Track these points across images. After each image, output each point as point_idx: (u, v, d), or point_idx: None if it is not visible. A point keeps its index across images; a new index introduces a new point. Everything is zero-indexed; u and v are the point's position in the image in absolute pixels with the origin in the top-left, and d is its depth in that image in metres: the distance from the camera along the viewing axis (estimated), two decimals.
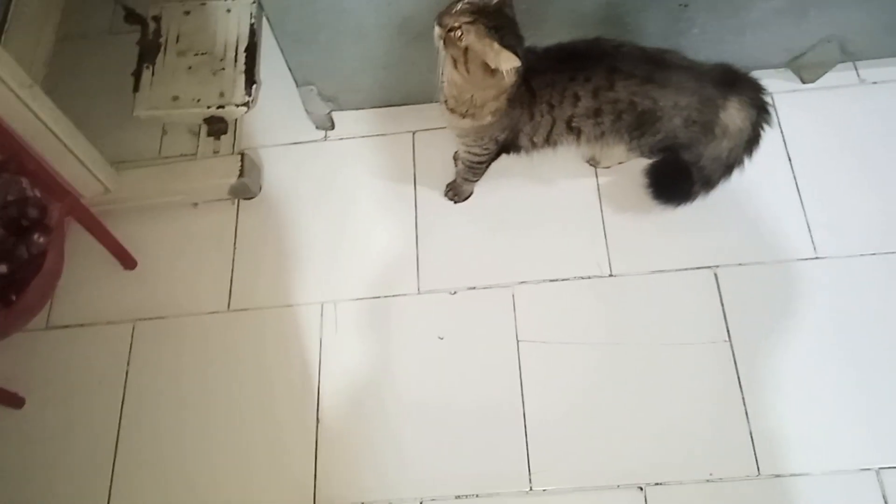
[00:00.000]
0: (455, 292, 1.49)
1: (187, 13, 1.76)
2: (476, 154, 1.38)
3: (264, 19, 1.41)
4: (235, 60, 1.70)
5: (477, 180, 1.52)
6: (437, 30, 1.13)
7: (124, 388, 1.47)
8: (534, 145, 1.35)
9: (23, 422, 1.46)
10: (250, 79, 1.69)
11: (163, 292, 1.55)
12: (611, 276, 1.47)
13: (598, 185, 1.56)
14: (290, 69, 1.50)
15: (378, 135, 1.67)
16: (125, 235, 1.55)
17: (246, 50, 1.71)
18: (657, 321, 1.42)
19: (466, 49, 1.10)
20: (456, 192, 1.57)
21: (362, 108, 1.65)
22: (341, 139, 1.68)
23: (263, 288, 1.54)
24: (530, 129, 1.31)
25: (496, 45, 1.08)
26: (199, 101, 1.65)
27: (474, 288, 1.48)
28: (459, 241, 1.54)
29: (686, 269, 1.46)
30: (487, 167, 1.44)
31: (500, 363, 1.41)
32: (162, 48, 1.71)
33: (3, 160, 1.35)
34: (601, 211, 1.54)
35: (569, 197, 1.56)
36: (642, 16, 1.39)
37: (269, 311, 1.51)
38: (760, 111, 1.29)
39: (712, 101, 1.26)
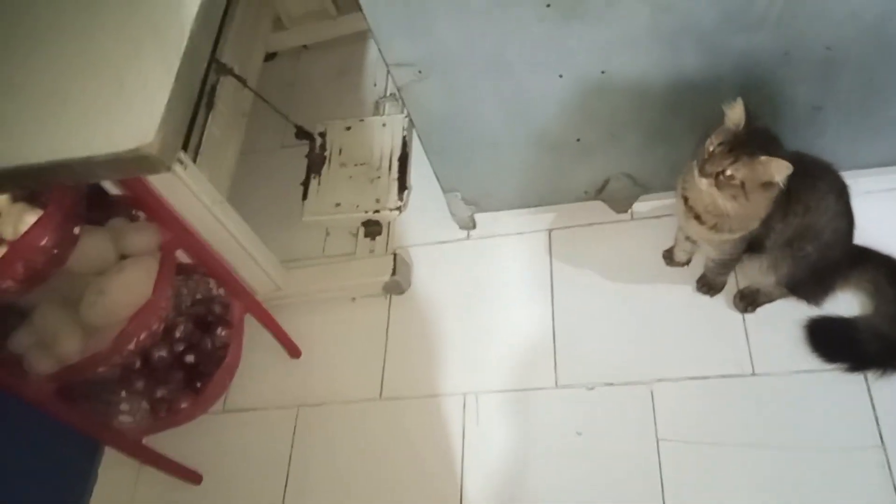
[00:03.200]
0: (593, 388, 1.53)
1: (348, 129, 1.99)
2: (728, 253, 1.39)
3: (415, 133, 1.59)
4: (389, 169, 1.89)
5: (729, 272, 1.52)
6: (703, 182, 1.17)
7: (288, 467, 1.61)
8: (774, 246, 1.34)
9: (200, 497, 1.63)
10: (402, 185, 1.87)
11: (323, 380, 1.71)
12: (753, 374, 1.46)
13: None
14: (437, 177, 1.65)
15: (516, 233, 1.78)
16: (292, 327, 1.73)
17: (399, 160, 1.90)
18: (803, 423, 1.39)
19: (743, 182, 1.14)
20: (710, 287, 1.56)
21: (501, 210, 1.76)
22: (482, 238, 1.81)
23: (412, 378, 1.66)
24: (781, 228, 1.29)
25: (765, 159, 1.11)
26: (357, 206, 1.85)
27: (612, 384, 1.52)
28: (596, 336, 1.59)
29: (832, 370, 1.42)
30: (738, 260, 1.43)
31: (640, 462, 1.42)
32: (327, 160, 1.94)
33: (195, 265, 1.58)
34: None
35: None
36: (776, 119, 1.42)
37: (417, 400, 1.62)
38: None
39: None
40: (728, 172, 1.13)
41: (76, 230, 1.17)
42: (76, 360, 1.27)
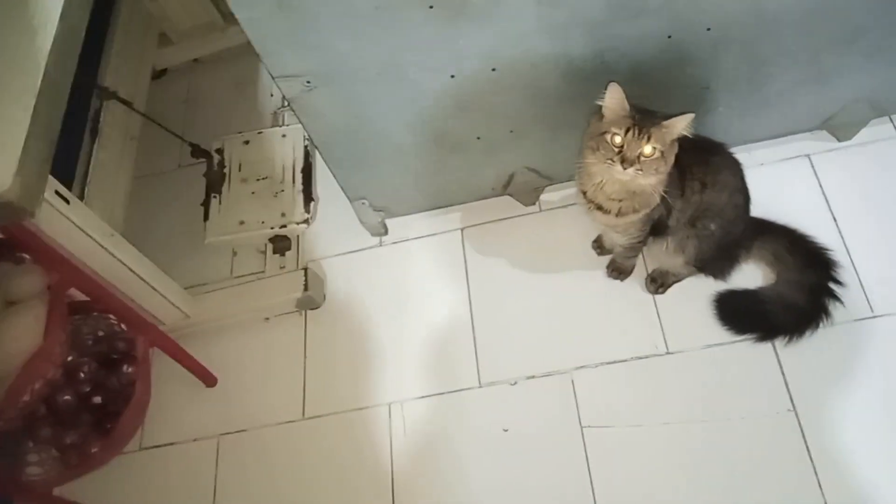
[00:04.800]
0: (515, 383, 1.53)
1: (247, 143, 1.92)
2: (634, 236, 1.40)
3: None
4: (293, 181, 1.84)
5: (637, 255, 1.54)
6: (629, 171, 1.15)
7: (213, 499, 1.55)
8: (678, 226, 1.37)
9: None
10: (308, 197, 1.82)
11: (243, 406, 1.65)
12: (668, 353, 1.49)
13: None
14: (341, 187, 1.61)
15: (429, 235, 1.77)
16: (204, 355, 1.66)
17: (302, 171, 1.85)
18: (719, 396, 1.43)
19: (662, 151, 1.16)
20: (621, 271, 1.58)
21: (412, 213, 1.74)
22: (395, 243, 1.78)
23: (334, 393, 1.62)
24: (681, 206, 1.32)
25: (668, 122, 1.15)
26: (263, 222, 1.79)
27: (533, 377, 1.53)
28: (515, 331, 1.59)
29: (742, 341, 1.47)
30: (645, 243, 1.44)
31: (567, 451, 1.44)
32: (227, 178, 1.87)
33: (92, 301, 1.49)
34: None
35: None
36: (666, 100, 1.44)
37: (342, 415, 1.59)
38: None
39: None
40: (647, 151, 1.15)
41: None
42: None
